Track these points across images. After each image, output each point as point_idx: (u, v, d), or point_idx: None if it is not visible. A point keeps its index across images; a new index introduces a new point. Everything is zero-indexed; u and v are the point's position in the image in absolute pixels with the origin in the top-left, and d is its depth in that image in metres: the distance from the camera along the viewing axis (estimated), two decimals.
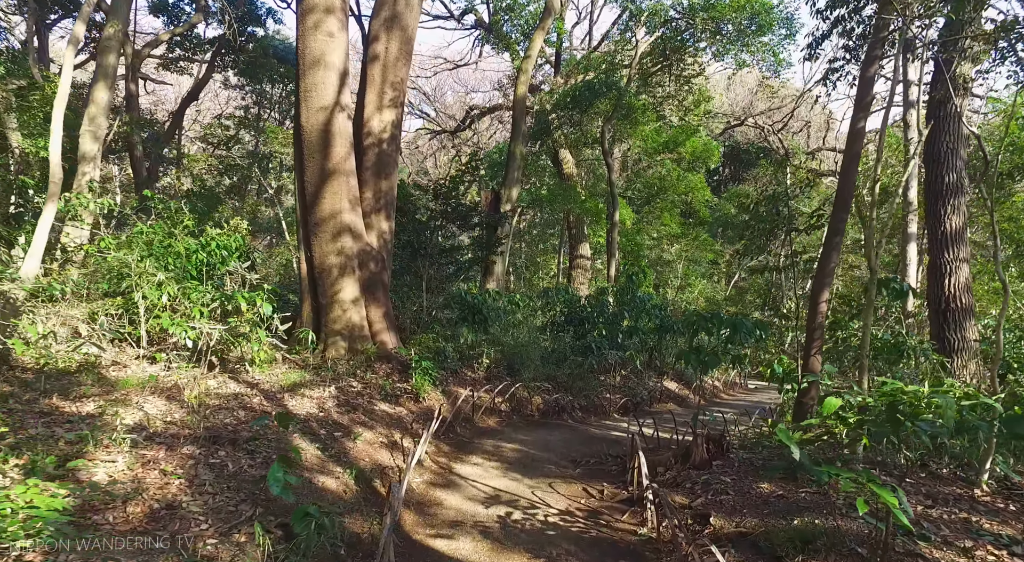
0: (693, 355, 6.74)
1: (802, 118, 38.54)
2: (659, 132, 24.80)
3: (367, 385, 7.71)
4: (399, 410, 7.40)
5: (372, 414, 6.84)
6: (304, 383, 7.00)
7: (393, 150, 9.75)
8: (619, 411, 11.03)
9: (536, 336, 11.29)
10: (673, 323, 13.12)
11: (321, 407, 6.43)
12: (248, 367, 7.17)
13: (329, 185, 8.65)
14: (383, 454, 5.88)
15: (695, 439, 5.66)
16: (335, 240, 8.71)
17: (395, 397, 7.68)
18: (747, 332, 6.53)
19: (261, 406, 5.76)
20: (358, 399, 7.13)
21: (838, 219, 6.93)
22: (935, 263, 12.82)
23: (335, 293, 8.73)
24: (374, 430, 6.39)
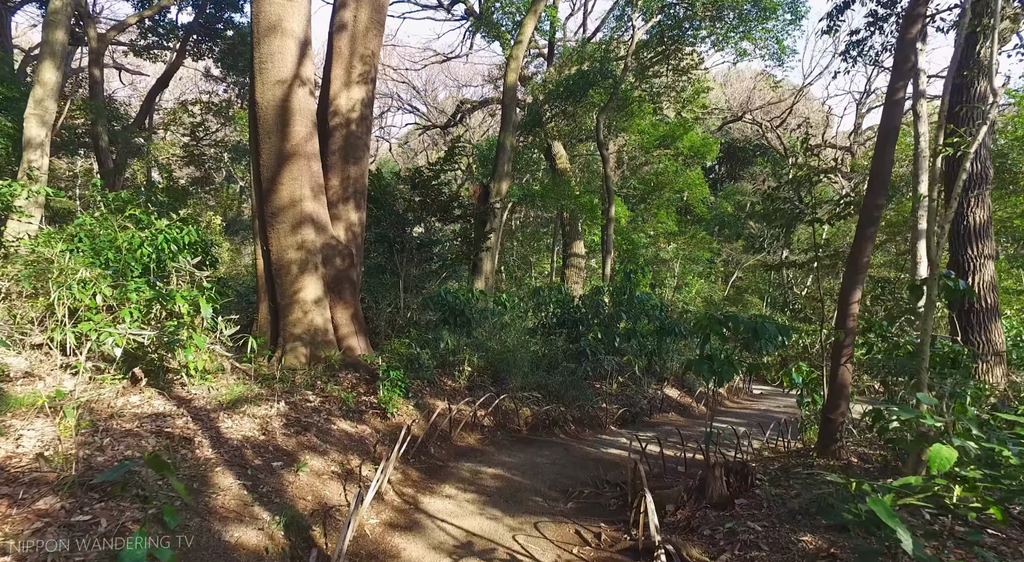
0: (705, 364, 5.73)
1: (800, 115, 37.77)
2: (656, 126, 23.87)
3: (327, 399, 6.66)
4: (362, 429, 6.35)
5: (327, 435, 5.80)
6: (249, 398, 5.95)
7: (363, 132, 8.70)
8: (617, 423, 10.02)
9: (525, 340, 10.27)
10: (674, 325, 12.13)
11: (264, 428, 5.38)
12: (187, 379, 6.12)
13: (287, 169, 7.60)
14: (333, 488, 4.84)
15: (712, 469, 4.64)
16: (295, 232, 7.66)
17: (359, 413, 6.64)
18: (770, 337, 5.53)
19: (184, 430, 4.71)
20: (313, 417, 6.08)
21: (873, 205, 5.94)
22: (956, 260, 11.88)
23: (295, 293, 7.68)
24: (326, 456, 5.34)
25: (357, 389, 7.22)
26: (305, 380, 6.96)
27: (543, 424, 8.81)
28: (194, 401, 5.58)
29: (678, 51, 21.57)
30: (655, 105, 22.82)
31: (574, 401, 9.71)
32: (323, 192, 8.15)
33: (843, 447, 5.95)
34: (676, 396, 12.24)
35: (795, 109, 36.36)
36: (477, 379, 9.00)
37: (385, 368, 6.94)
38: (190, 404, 5.45)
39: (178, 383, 6.04)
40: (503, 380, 9.29)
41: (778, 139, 35.92)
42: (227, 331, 6.78)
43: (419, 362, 7.70)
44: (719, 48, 21.28)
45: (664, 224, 26.19)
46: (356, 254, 8.68)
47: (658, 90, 22.54)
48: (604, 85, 19.07)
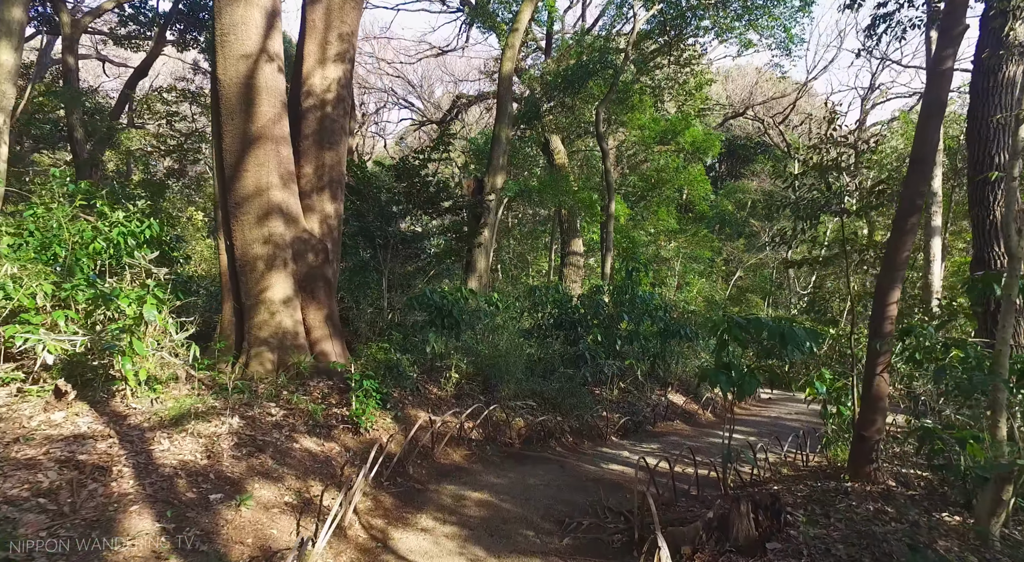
0: (723, 375, 4.96)
1: (803, 111, 37.03)
2: (656, 121, 23.12)
3: (292, 412, 5.88)
4: (329, 447, 5.58)
5: (287, 456, 5.02)
6: (198, 412, 5.17)
7: (340, 115, 7.91)
8: (618, 433, 9.25)
9: (519, 343, 9.49)
10: (678, 327, 11.37)
11: (210, 450, 4.60)
12: (131, 390, 5.34)
13: (253, 154, 6.82)
14: (283, 525, 4.06)
15: (735, 505, 3.87)
16: (261, 224, 6.88)
17: (327, 428, 5.86)
18: (799, 343, 4.76)
19: (102, 457, 3.93)
20: (272, 434, 5.30)
21: (915, 193, 5.18)
22: (981, 257, 11.08)
23: (261, 292, 6.90)
24: (281, 483, 4.57)
25: (328, 400, 6.44)
26: (269, 390, 6.19)
27: (538, 436, 8.04)
28: (130, 418, 4.80)
29: (680, 42, 20.83)
30: (656, 98, 22.06)
31: (572, 410, 8.94)
32: (294, 180, 7.36)
33: (879, 469, 5.19)
34: (681, 402, 11.47)
35: (798, 105, 35.61)
36: (465, 387, 8.22)
37: (358, 377, 6.16)
38: (124, 421, 4.67)
39: (121, 395, 5.27)
40: (494, 387, 8.51)
41: (780, 136, 35.17)
42: (179, 335, 5.99)
43: (399, 369, 6.92)
44: (723, 39, 20.52)
45: (665, 222, 25.45)
46: (332, 249, 7.90)
47: (659, 82, 21.77)
48: (604, 76, 18.30)
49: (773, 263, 31.34)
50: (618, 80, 17.15)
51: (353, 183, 9.98)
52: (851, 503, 4.32)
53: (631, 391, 10.85)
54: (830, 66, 39.42)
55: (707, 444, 9.10)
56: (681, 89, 21.69)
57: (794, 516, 3.98)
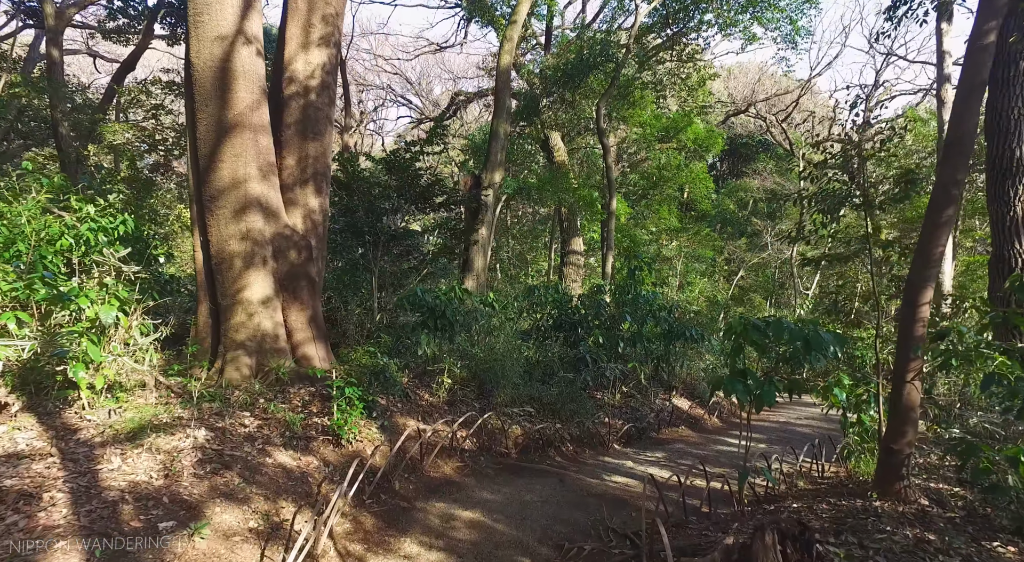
0: (739, 383, 4.48)
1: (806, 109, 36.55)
2: (658, 118, 22.65)
3: (268, 422, 5.40)
4: (307, 462, 5.09)
5: (257, 473, 4.54)
6: (161, 425, 4.69)
7: (325, 103, 7.43)
8: (621, 441, 8.77)
9: (517, 345, 9.01)
10: (683, 328, 10.89)
11: (168, 468, 4.12)
12: (88, 400, 4.86)
13: (229, 143, 6.33)
14: (244, 555, 3.58)
15: (760, 535, 3.38)
16: (238, 219, 6.40)
17: (306, 440, 5.37)
18: (824, 348, 4.28)
19: (34, 480, 3.45)
20: (243, 447, 4.82)
21: (950, 181, 4.69)
22: (1001, 255, 10.56)
23: (238, 292, 6.41)
24: (247, 506, 4.08)
25: (309, 408, 5.96)
26: (244, 398, 5.70)
27: (535, 445, 7.56)
28: (81, 432, 4.32)
29: (683, 36, 20.36)
30: (658, 94, 21.57)
31: (572, 416, 8.46)
32: (274, 172, 6.88)
33: (910, 486, 4.70)
34: (686, 407, 10.98)
35: (801, 103, 35.12)
36: (459, 393, 7.74)
37: (340, 384, 5.67)
38: (72, 437, 4.19)
39: (78, 406, 4.79)
40: (489, 393, 8.04)
41: (783, 133, 34.69)
42: (144, 338, 5.51)
43: (386, 374, 6.43)
44: (727, 33, 20.04)
45: (666, 220, 25.00)
46: (317, 246, 7.41)
47: (661, 77, 21.29)
48: (605, 70, 17.83)
49: (775, 262, 30.90)
50: (619, 74, 16.67)
51: (343, 177, 9.50)
52: (885, 528, 3.83)
53: (634, 395, 10.37)
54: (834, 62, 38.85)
55: (715, 452, 8.63)
56: (683, 84, 21.19)
57: (825, 547, 3.49)
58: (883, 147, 5.57)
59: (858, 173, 5.35)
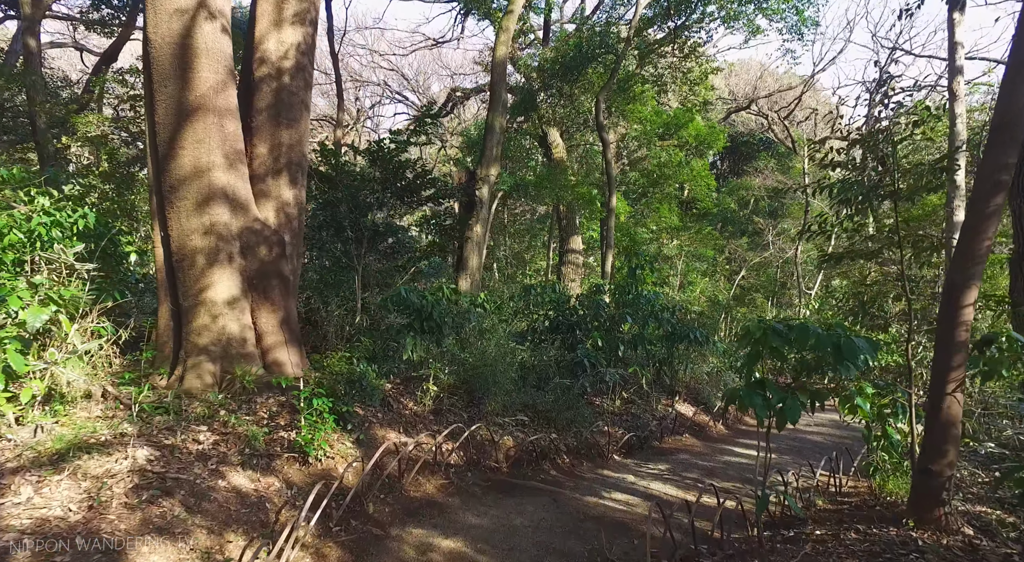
0: (758, 397, 3.90)
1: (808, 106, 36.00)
2: (659, 114, 22.08)
3: (226, 437, 4.82)
4: (267, 483, 4.51)
5: (205, 499, 3.96)
6: (96, 444, 4.11)
7: (300, 87, 6.85)
8: (621, 451, 8.19)
9: (511, 349, 8.44)
10: (688, 329, 10.31)
11: (94, 497, 3.54)
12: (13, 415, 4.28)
13: (190, 128, 5.75)
14: None
15: None
16: (201, 212, 5.82)
17: (268, 458, 4.79)
18: (856, 355, 3.71)
19: None
20: (193, 468, 4.23)
21: (996, 165, 4.12)
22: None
23: (201, 291, 5.84)
24: (186, 540, 3.50)
25: (276, 420, 5.37)
26: (202, 410, 5.12)
27: (529, 458, 6.98)
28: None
29: (685, 30, 19.78)
30: (659, 88, 20.99)
31: (569, 425, 7.89)
32: (243, 161, 6.30)
33: (952, 513, 4.12)
34: (690, 413, 10.40)
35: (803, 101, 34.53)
36: (446, 401, 7.16)
37: (306, 394, 5.09)
38: None
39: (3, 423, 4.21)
40: (480, 401, 7.46)
41: (785, 131, 34.12)
42: (85, 344, 4.93)
43: (363, 382, 5.85)
44: (730, 26, 19.46)
45: (667, 219, 24.44)
46: (292, 242, 6.83)
47: (662, 72, 20.70)
48: (605, 62, 17.26)
49: (777, 262, 30.31)
50: (619, 66, 16.08)
51: (325, 170, 8.92)
52: None
53: (635, 401, 9.79)
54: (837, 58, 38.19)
55: (722, 464, 8.05)
56: (685, 78, 20.60)
57: None
58: (917, 128, 5.01)
59: (888, 158, 4.78)
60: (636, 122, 21.40)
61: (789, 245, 29.36)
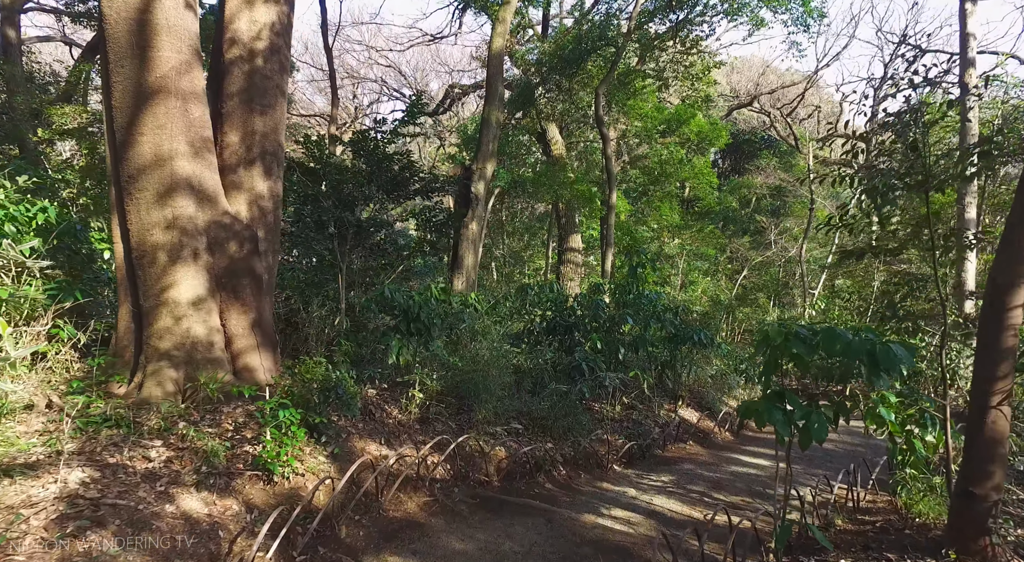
0: (778, 411, 3.40)
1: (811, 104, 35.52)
2: (660, 110, 21.59)
3: (182, 453, 4.33)
4: (224, 506, 4.01)
5: (146, 528, 3.46)
6: (25, 464, 3.62)
7: (274, 70, 6.34)
8: (622, 461, 7.69)
9: (505, 352, 7.95)
10: (692, 331, 9.81)
11: (2, 532, 3.04)
12: None
13: (150, 112, 5.26)
14: None
15: None
16: (162, 204, 5.32)
17: (228, 476, 4.29)
18: (894, 364, 3.21)
19: None
20: (137, 491, 3.74)
21: None
22: None
23: (163, 291, 5.34)
24: None
25: (243, 432, 4.88)
26: (159, 422, 4.62)
27: (522, 470, 6.48)
28: None
29: (688, 23, 19.27)
30: (661, 82, 20.48)
31: (566, 434, 7.40)
32: (211, 150, 5.80)
33: (1000, 544, 3.62)
34: (694, 419, 9.89)
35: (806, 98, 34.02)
36: (433, 409, 6.65)
37: (273, 404, 4.59)
38: None
39: None
40: (470, 408, 6.96)
41: (787, 129, 33.61)
42: (18, 350, 4.43)
43: (340, 390, 5.34)
44: (733, 18, 18.94)
45: (668, 218, 23.97)
46: (267, 238, 6.33)
47: (664, 66, 20.19)
48: (604, 54, 16.76)
49: (779, 261, 29.80)
50: (620, 58, 15.60)
51: (308, 162, 8.42)
52: None
53: (636, 407, 9.30)
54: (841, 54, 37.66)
55: (730, 475, 7.55)
56: (687, 73, 20.09)
57: None
58: (950, 109, 4.50)
59: (920, 141, 4.28)
60: (637, 119, 20.93)
61: (791, 244, 28.89)
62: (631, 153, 24.75)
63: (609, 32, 16.32)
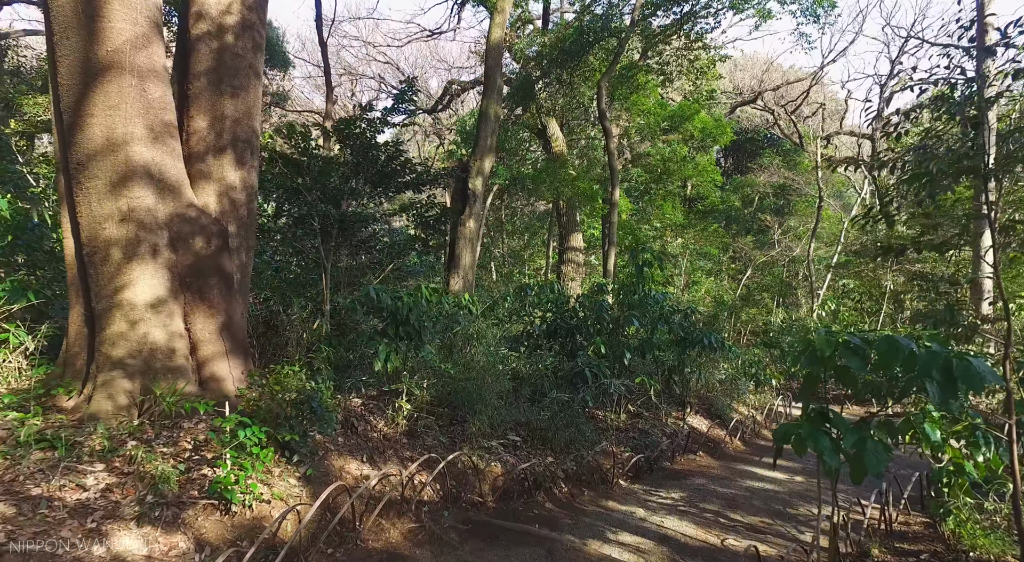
0: (823, 436, 2.82)
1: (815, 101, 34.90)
2: (663, 106, 21.03)
3: (126, 479, 3.76)
4: (169, 545, 3.43)
5: None
6: None
7: (246, 48, 5.76)
8: (628, 475, 7.11)
9: (502, 357, 7.37)
10: (701, 334, 9.23)
11: None
12: None
13: (101, 91, 4.69)
14: None
15: None
16: (116, 194, 4.75)
17: (178, 507, 3.72)
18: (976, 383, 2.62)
19: None
20: (62, 528, 3.17)
21: None
22: None
23: (117, 291, 4.77)
24: None
25: (201, 453, 4.30)
26: (103, 442, 4.05)
27: (520, 488, 5.90)
28: None
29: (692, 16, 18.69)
30: (663, 78, 19.91)
31: (568, 446, 6.82)
32: (174, 135, 5.22)
33: None
34: (704, 427, 9.30)
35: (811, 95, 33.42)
36: (423, 420, 6.07)
37: (232, 422, 4.01)
38: None
39: None
40: (463, 420, 6.38)
41: (791, 126, 33.01)
42: None
43: (314, 403, 4.76)
44: (739, 10, 18.36)
45: (670, 216, 23.42)
46: (238, 234, 5.76)
47: (667, 59, 19.60)
48: (607, 46, 16.18)
49: (783, 261, 29.19)
50: (623, 49, 15.01)
51: (291, 153, 7.84)
52: None
53: (642, 415, 8.71)
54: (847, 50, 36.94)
55: (745, 491, 6.97)
56: (691, 66, 19.50)
57: None
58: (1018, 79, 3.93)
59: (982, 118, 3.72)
60: (639, 115, 20.37)
61: (795, 243, 28.32)
62: (633, 151, 24.19)
63: (612, 23, 15.73)
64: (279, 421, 4.50)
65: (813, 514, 6.16)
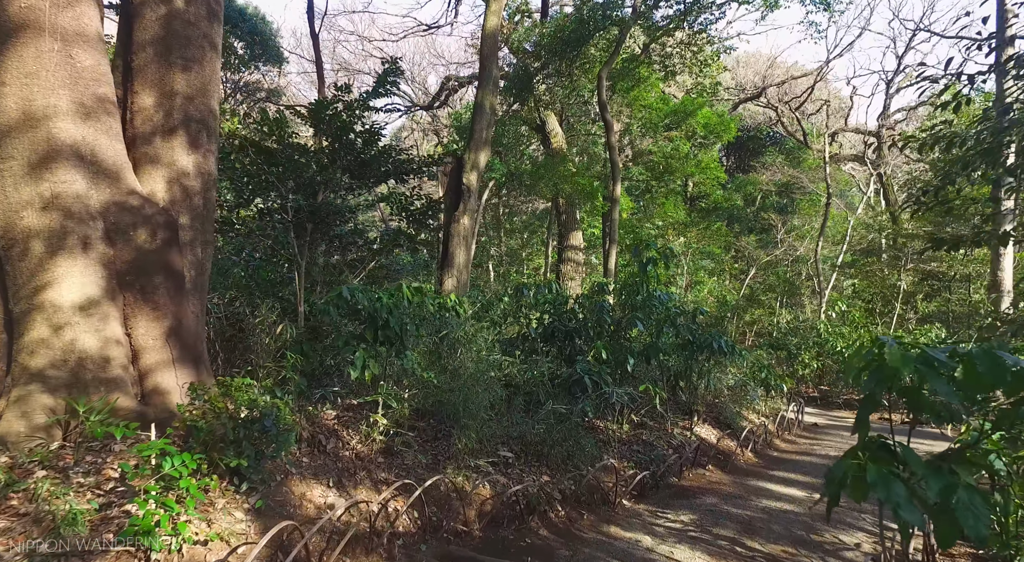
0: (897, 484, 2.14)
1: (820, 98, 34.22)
2: (665, 101, 20.36)
3: (20, 521, 3.07)
4: None
5: None
6: None
7: (199, 16, 5.07)
8: (632, 495, 6.43)
9: (492, 363, 6.68)
10: (710, 338, 8.55)
11: None
12: None
13: (15, 55, 4.02)
14: None
15: None
16: (37, 178, 4.08)
17: (83, 557, 3.03)
18: None
19: None
20: None
21: None
22: None
23: (38, 291, 4.09)
24: None
25: (129, 483, 3.61)
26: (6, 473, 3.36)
27: (511, 512, 5.22)
28: None
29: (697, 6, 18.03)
30: (666, 71, 19.24)
31: (566, 462, 6.16)
32: (111, 112, 4.54)
33: None
34: (713, 438, 8.60)
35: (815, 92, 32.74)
36: (402, 437, 5.39)
37: (156, 449, 3.32)
38: None
39: None
40: (448, 434, 5.70)
41: (794, 123, 32.34)
42: None
43: (268, 422, 4.06)
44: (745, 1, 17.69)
45: (673, 215, 22.78)
46: (192, 226, 5.06)
47: (670, 51, 18.92)
48: (608, 36, 15.52)
49: (788, 260, 28.51)
50: (624, 37, 14.35)
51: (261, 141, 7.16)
52: None
53: (647, 425, 8.03)
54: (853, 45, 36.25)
55: (762, 512, 6.28)
56: (695, 59, 18.82)
57: None
58: None
59: None
60: (640, 110, 19.70)
61: (799, 242, 27.63)
62: (634, 148, 23.51)
63: (614, 12, 15.04)
64: (223, 443, 3.81)
65: (840, 541, 5.49)
